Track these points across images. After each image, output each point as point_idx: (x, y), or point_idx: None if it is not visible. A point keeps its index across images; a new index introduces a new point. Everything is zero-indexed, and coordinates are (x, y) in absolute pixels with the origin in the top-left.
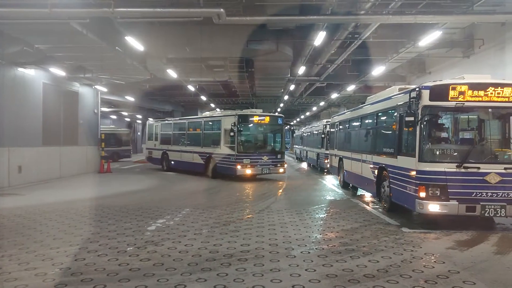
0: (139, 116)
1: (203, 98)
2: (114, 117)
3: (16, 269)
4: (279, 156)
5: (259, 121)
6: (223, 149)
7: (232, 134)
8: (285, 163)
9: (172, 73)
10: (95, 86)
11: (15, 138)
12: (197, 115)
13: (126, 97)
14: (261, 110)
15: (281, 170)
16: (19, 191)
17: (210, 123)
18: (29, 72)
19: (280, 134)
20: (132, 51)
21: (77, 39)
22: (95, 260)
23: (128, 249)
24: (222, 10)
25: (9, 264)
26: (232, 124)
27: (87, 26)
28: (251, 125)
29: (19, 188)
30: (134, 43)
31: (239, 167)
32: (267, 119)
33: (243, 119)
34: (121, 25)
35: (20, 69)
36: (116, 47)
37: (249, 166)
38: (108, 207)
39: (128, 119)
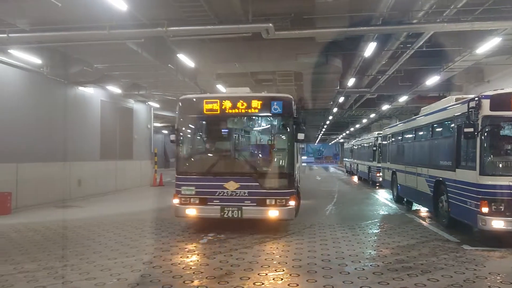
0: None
1: None
2: (165, 131)
3: (77, 278)
4: (274, 183)
5: (226, 111)
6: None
7: (172, 138)
8: (294, 199)
9: (221, 88)
10: (148, 102)
11: (76, 153)
12: None
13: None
14: (247, 89)
15: (272, 213)
16: (78, 203)
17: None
18: (88, 91)
19: (282, 135)
20: (184, 67)
21: (132, 58)
22: (150, 271)
23: (182, 261)
24: (270, 25)
25: (71, 273)
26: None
27: (142, 46)
28: (208, 118)
29: (79, 201)
30: (186, 60)
31: (176, 201)
32: (243, 105)
33: (190, 108)
34: (173, 43)
35: (81, 88)
36: (169, 65)
37: (195, 202)
38: (161, 219)
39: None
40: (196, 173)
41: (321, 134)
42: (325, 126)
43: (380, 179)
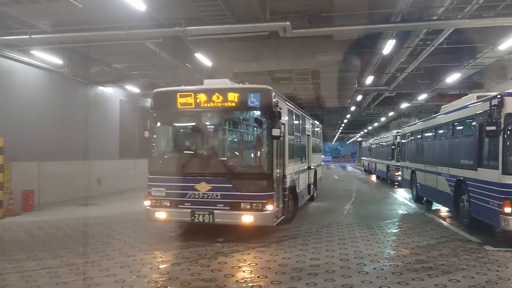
0: None
1: None
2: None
3: (98, 275)
4: (249, 185)
5: (201, 105)
6: None
7: (145, 135)
8: (271, 202)
9: None
10: None
11: (96, 151)
12: None
13: None
14: (226, 81)
15: (246, 218)
16: (98, 201)
17: None
18: (108, 90)
19: (260, 131)
20: (201, 67)
21: (150, 57)
22: (168, 269)
23: (200, 260)
24: (288, 23)
25: (91, 270)
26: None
27: (160, 45)
28: (181, 113)
29: (98, 199)
30: (203, 59)
31: (147, 203)
32: (219, 98)
33: (163, 102)
34: (191, 42)
35: (100, 88)
36: (186, 64)
37: (165, 204)
38: None
39: None
40: (166, 173)
41: (338, 133)
42: (342, 125)
43: (399, 178)
